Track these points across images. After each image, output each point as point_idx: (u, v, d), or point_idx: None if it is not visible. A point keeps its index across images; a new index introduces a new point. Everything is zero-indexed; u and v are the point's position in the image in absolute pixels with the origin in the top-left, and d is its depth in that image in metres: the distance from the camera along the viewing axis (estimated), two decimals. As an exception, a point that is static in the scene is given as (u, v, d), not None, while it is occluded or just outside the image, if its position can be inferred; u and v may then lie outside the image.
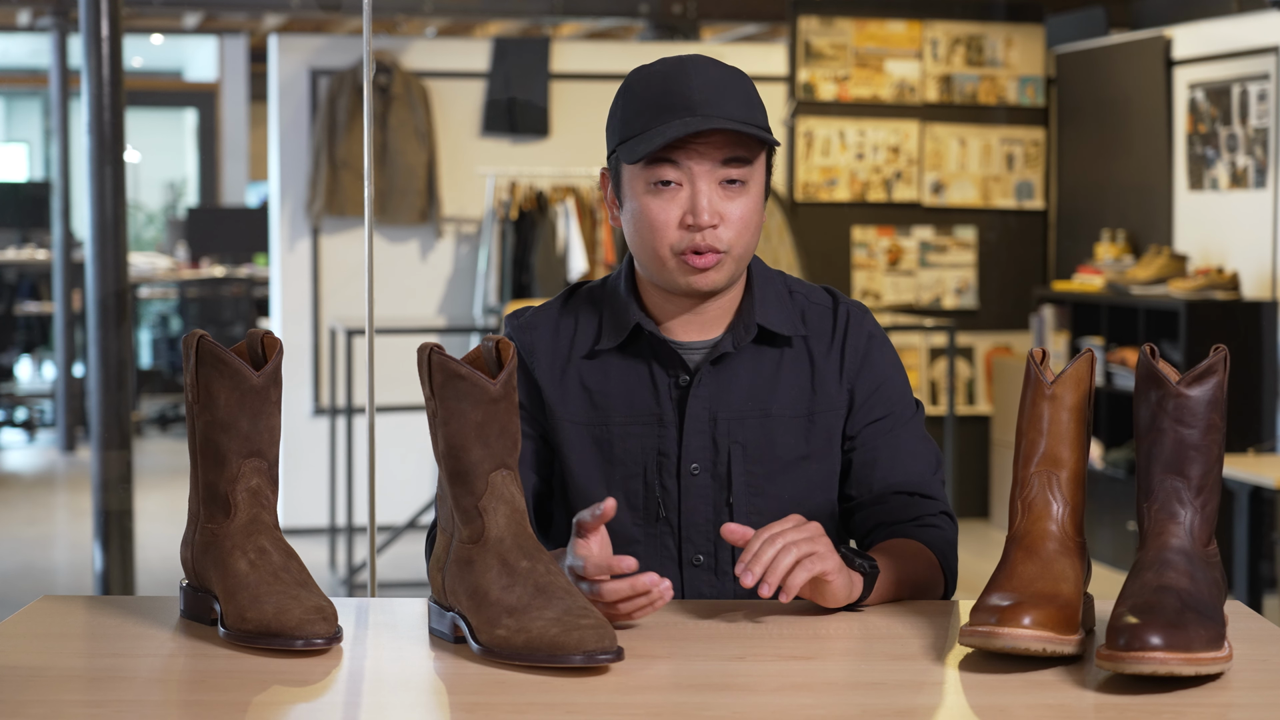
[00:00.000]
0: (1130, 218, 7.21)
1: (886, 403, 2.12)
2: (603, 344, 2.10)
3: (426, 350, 1.78)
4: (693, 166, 2.00)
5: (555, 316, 2.15)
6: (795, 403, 2.09)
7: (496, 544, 1.75)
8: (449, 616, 1.79)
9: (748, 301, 2.11)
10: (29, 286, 10.93)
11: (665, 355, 2.09)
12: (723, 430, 2.07)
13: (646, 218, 2.02)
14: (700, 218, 1.99)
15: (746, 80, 2.05)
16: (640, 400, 2.09)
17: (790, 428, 2.08)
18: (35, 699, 1.60)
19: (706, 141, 1.99)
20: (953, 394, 6.58)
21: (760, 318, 2.09)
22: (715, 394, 2.08)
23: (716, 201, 2.01)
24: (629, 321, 2.09)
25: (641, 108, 2.02)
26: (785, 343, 2.10)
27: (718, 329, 2.10)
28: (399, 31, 9.40)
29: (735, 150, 2.01)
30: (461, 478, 1.76)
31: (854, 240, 7.58)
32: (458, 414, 1.76)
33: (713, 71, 2.02)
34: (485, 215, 7.41)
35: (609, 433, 2.09)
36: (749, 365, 2.09)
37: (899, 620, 1.91)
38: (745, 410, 2.08)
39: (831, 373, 2.11)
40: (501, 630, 1.71)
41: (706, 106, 1.99)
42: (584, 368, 2.11)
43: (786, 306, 2.12)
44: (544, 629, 1.68)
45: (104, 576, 4.46)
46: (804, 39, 7.50)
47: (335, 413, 6.95)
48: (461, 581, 1.77)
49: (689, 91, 1.99)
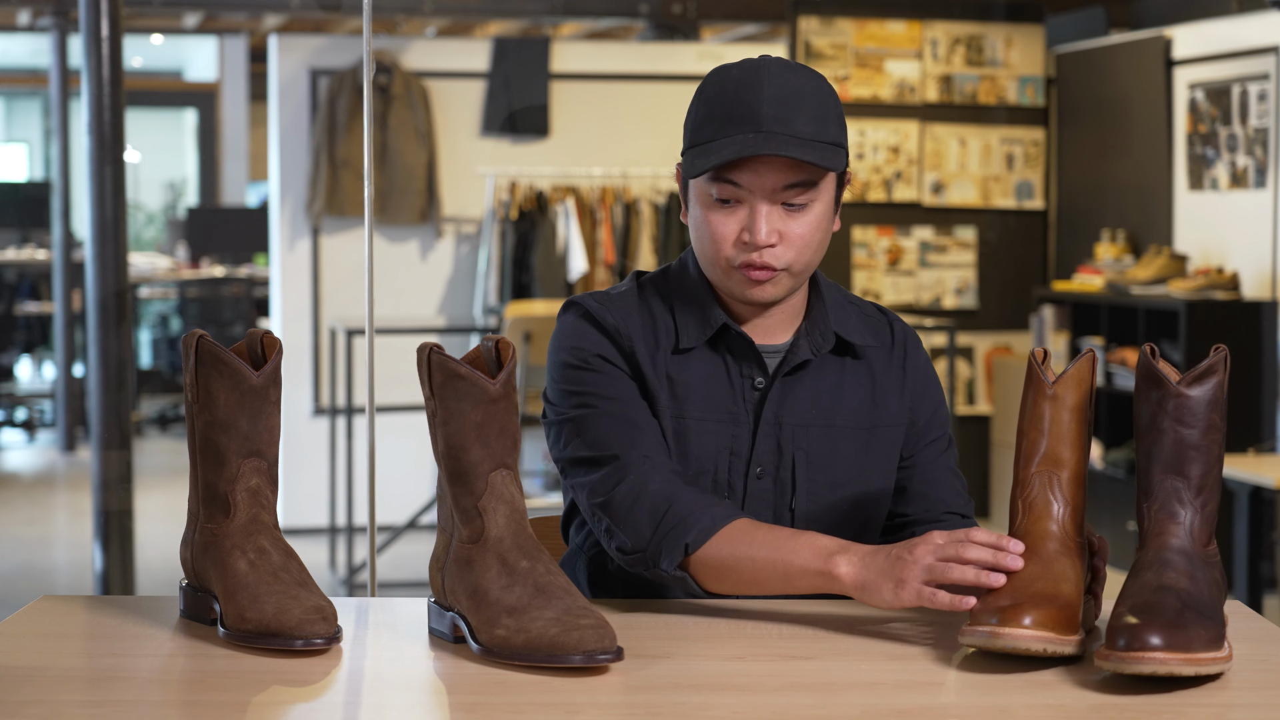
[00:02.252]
0: (1130, 218, 7.21)
1: (941, 425, 2.15)
2: (689, 341, 2.07)
3: (426, 350, 1.78)
4: (754, 186, 1.97)
5: (636, 305, 2.10)
6: (858, 415, 2.09)
7: (496, 544, 1.75)
8: (449, 616, 1.79)
9: (819, 309, 2.09)
10: (29, 286, 10.93)
11: (744, 355, 2.07)
12: (788, 436, 2.06)
13: (707, 229, 2.00)
14: (757, 238, 1.97)
15: (825, 91, 1.99)
16: (719, 397, 2.07)
17: (853, 439, 2.08)
18: (35, 699, 1.60)
19: (768, 164, 1.96)
20: (953, 394, 6.58)
21: (837, 326, 2.09)
22: (782, 399, 2.07)
23: (776, 221, 1.98)
24: (715, 320, 2.06)
25: (710, 115, 1.98)
26: (854, 354, 2.10)
27: (782, 333, 2.09)
28: (399, 31, 9.40)
29: (798, 175, 1.97)
30: (461, 478, 1.76)
31: (854, 240, 7.58)
32: (457, 414, 1.76)
33: (788, 82, 1.97)
34: (485, 215, 7.41)
35: (685, 425, 2.06)
36: (814, 373, 2.08)
37: (899, 620, 1.91)
38: (810, 418, 2.07)
39: (893, 389, 2.11)
40: (501, 630, 1.70)
41: (774, 123, 1.94)
42: (670, 360, 2.08)
43: (857, 318, 2.12)
44: (544, 629, 1.68)
45: (104, 576, 4.46)
46: (804, 39, 7.50)
47: (335, 413, 6.95)
48: (461, 581, 1.76)
49: (759, 104, 1.95)
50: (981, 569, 1.75)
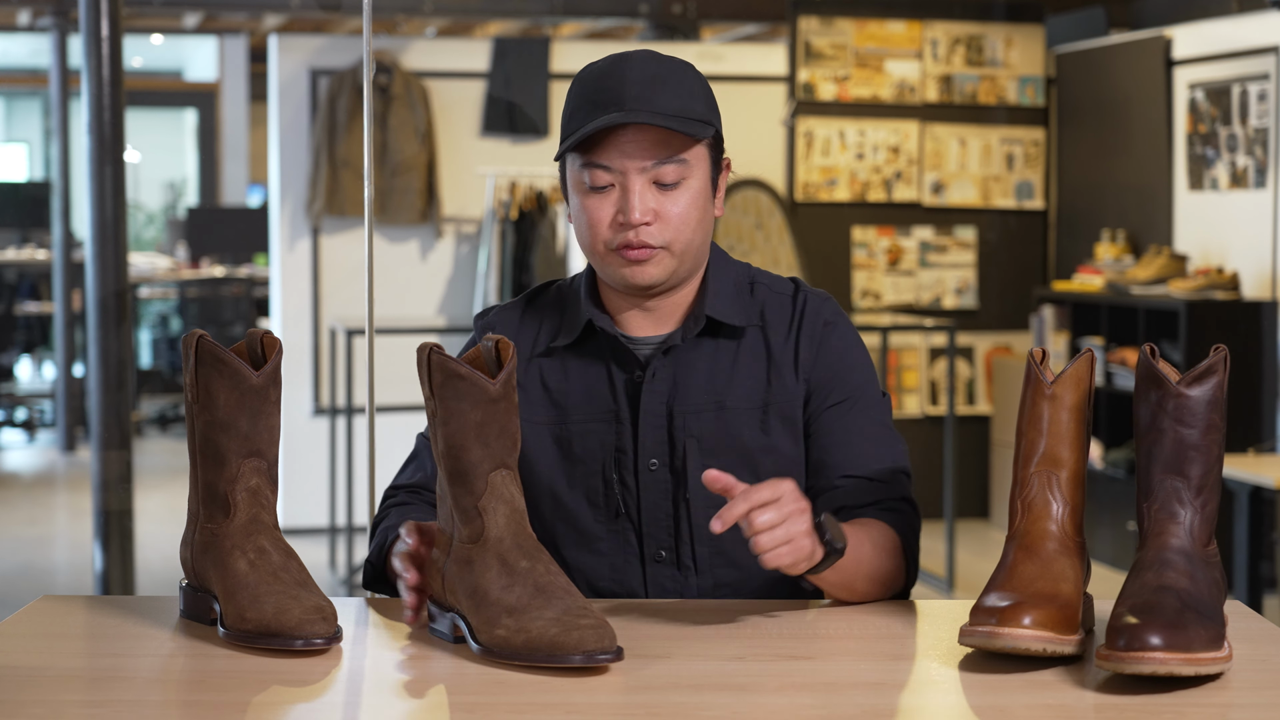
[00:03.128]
0: (1130, 218, 7.21)
1: (845, 387, 2.08)
2: (558, 341, 2.10)
3: (426, 350, 1.78)
4: (626, 164, 1.99)
5: (519, 315, 2.15)
6: (751, 394, 2.07)
7: (496, 544, 1.75)
8: (449, 616, 1.79)
9: (700, 295, 2.09)
10: (29, 286, 10.93)
11: (618, 351, 2.08)
12: (679, 424, 2.06)
13: (584, 216, 2.02)
14: (630, 216, 1.98)
15: (690, 73, 2.02)
16: (597, 397, 2.07)
17: (747, 420, 2.06)
18: (35, 699, 1.60)
19: (635, 141, 1.98)
20: (953, 394, 6.58)
21: (710, 309, 2.07)
22: (671, 389, 2.06)
23: (650, 200, 1.99)
24: (582, 318, 2.08)
25: (578, 105, 2.01)
26: (738, 334, 2.08)
27: (673, 324, 2.09)
28: (399, 31, 9.40)
29: (666, 148, 1.99)
30: (461, 477, 1.76)
31: (854, 240, 7.58)
32: (457, 414, 1.75)
33: (650, 66, 2.00)
34: (485, 215, 7.41)
35: (568, 431, 2.08)
36: (706, 358, 2.07)
37: (899, 620, 1.91)
38: (701, 404, 2.06)
39: (787, 363, 2.08)
40: (501, 630, 1.70)
41: (636, 101, 1.97)
42: (544, 366, 2.10)
43: (743, 297, 2.10)
44: (544, 629, 1.68)
45: (104, 576, 4.46)
46: (804, 39, 7.50)
47: (335, 413, 6.95)
48: (461, 581, 1.76)
49: (621, 87, 1.98)
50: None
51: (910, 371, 7.65)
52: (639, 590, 2.07)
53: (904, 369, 7.63)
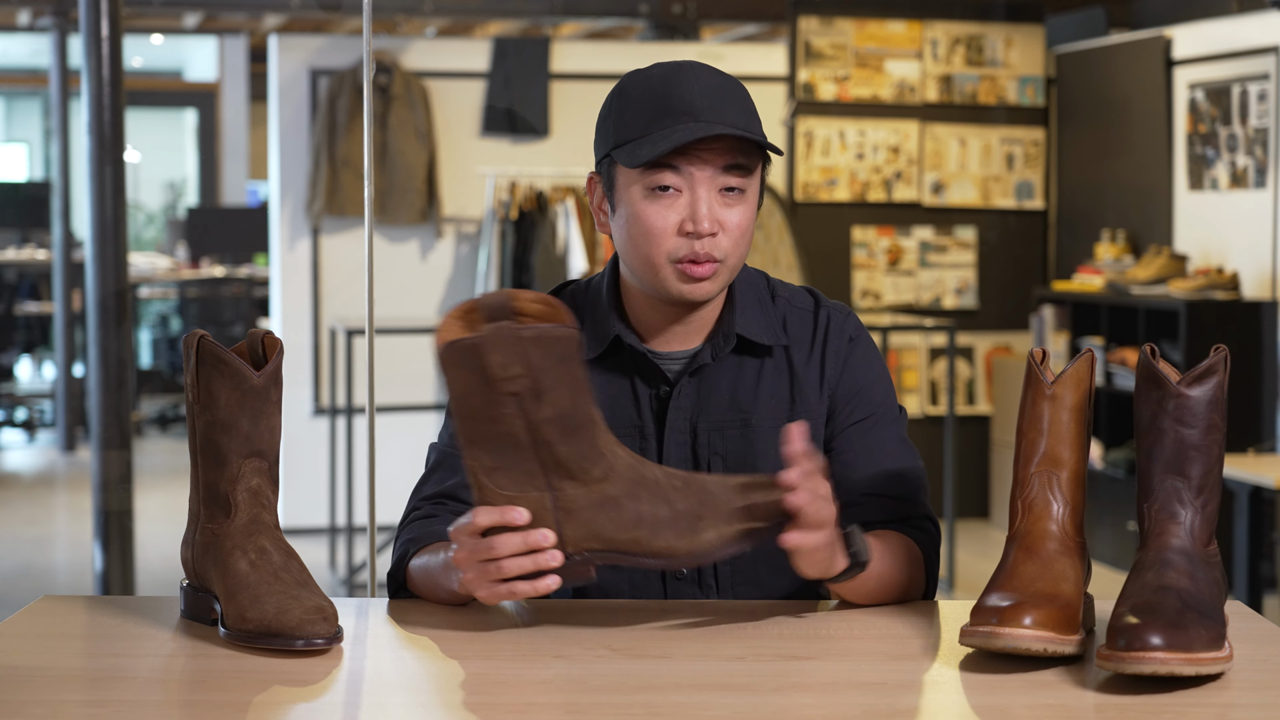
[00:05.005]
0: (1130, 218, 7.21)
1: (868, 404, 2.08)
2: (583, 354, 2.08)
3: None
4: (694, 173, 1.96)
5: None
6: (776, 412, 2.05)
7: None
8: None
9: (728, 310, 2.07)
10: (29, 286, 10.93)
11: (645, 367, 2.05)
12: (703, 441, 2.04)
13: (643, 224, 1.98)
14: (700, 225, 1.95)
15: (744, 89, 2.02)
16: (621, 412, 2.05)
17: (772, 437, 2.03)
18: (35, 699, 1.60)
19: (709, 148, 1.96)
20: (953, 394, 6.58)
21: (740, 327, 2.05)
22: (695, 405, 2.05)
23: (716, 209, 1.97)
24: (609, 333, 2.05)
25: (640, 110, 1.97)
26: (766, 352, 2.07)
27: (699, 339, 2.07)
28: (399, 31, 9.40)
29: (737, 158, 1.97)
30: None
31: (854, 240, 7.58)
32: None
33: (713, 78, 1.99)
34: (485, 215, 7.41)
35: None
36: (730, 375, 2.06)
37: (899, 620, 1.91)
38: (725, 421, 2.05)
39: (812, 381, 2.07)
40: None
41: (709, 113, 1.95)
42: None
43: (769, 313, 2.09)
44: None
45: (104, 576, 4.46)
46: (804, 39, 7.50)
47: (335, 413, 6.95)
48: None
49: (691, 96, 1.96)
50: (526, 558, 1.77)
51: (910, 371, 7.65)
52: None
53: (904, 369, 7.63)
